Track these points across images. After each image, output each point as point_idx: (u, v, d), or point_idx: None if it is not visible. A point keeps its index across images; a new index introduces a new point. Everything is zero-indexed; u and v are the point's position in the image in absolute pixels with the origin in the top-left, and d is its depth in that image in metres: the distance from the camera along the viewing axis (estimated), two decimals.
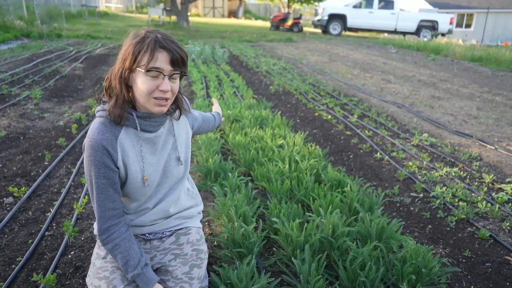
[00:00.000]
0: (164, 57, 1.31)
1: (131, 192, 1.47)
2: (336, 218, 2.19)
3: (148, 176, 1.46)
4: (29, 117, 4.74)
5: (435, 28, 20.81)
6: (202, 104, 4.89)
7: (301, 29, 23.68)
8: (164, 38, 1.33)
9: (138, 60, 1.31)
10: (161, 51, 1.31)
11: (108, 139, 1.36)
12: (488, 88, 8.18)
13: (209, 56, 10.39)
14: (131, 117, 1.40)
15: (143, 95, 1.34)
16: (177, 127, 1.57)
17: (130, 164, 1.42)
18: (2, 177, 3.16)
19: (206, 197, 2.91)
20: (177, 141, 1.56)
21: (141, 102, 1.37)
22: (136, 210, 1.53)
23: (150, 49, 1.30)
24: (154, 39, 1.31)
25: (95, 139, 1.35)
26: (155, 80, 1.32)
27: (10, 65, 7.80)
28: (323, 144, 4.31)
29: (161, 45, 1.31)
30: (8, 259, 2.16)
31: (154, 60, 1.30)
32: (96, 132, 1.36)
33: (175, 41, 1.35)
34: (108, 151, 1.36)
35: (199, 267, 1.58)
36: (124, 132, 1.40)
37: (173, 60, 1.32)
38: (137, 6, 37.00)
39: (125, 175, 1.44)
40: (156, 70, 1.30)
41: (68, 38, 13.61)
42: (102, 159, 1.36)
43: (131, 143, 1.42)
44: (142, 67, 1.30)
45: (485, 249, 2.46)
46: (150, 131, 1.45)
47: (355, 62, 11.30)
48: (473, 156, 4.09)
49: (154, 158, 1.48)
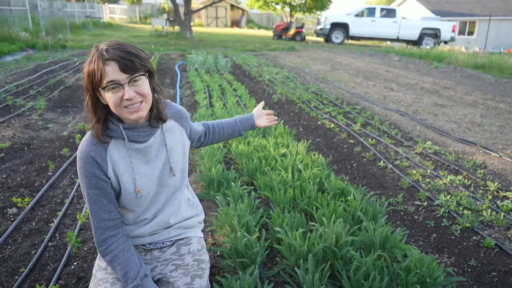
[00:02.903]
0: (113, 68, 1.28)
1: (126, 203, 1.47)
2: (339, 227, 2.18)
3: (142, 187, 1.46)
4: (33, 128, 4.77)
5: (437, 36, 20.85)
6: (205, 113, 4.90)
7: (303, 38, 23.79)
8: (108, 48, 1.29)
9: (94, 81, 1.30)
10: (108, 63, 1.28)
11: (97, 151, 1.38)
12: (492, 95, 8.16)
13: (212, 65, 10.45)
14: (118, 129, 1.40)
15: (114, 109, 1.34)
16: (170, 137, 1.55)
17: (121, 175, 1.43)
18: (6, 188, 3.18)
19: (209, 206, 2.90)
20: (170, 152, 1.54)
21: (118, 115, 1.37)
22: (135, 221, 1.53)
23: (98, 66, 1.28)
24: (98, 55, 1.29)
25: (84, 150, 1.37)
26: (117, 92, 1.30)
27: (15, 76, 7.88)
28: (326, 153, 4.30)
29: (106, 58, 1.28)
30: (11, 270, 2.16)
31: (105, 75, 1.28)
32: (85, 144, 1.38)
33: (121, 47, 1.31)
34: (97, 161, 1.38)
35: (200, 277, 1.57)
36: (113, 143, 1.42)
37: (123, 68, 1.29)
38: (141, 17, 37.38)
39: (118, 186, 1.44)
40: (112, 83, 1.29)
41: (73, 49, 13.75)
42: (92, 170, 1.37)
43: (121, 154, 1.43)
44: (101, 86, 1.29)
45: (491, 258, 2.43)
46: (140, 141, 1.45)
47: (357, 71, 11.32)
48: (477, 164, 4.07)
49: (147, 168, 1.48)
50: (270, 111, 2.03)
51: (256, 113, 1.96)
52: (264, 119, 1.97)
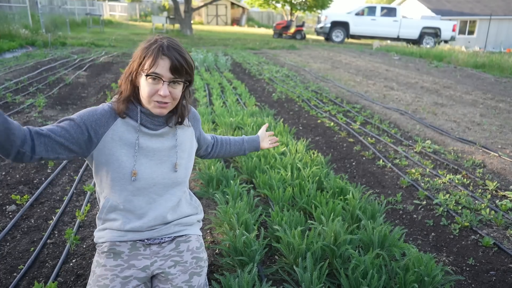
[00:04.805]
0: (165, 64, 1.37)
1: (117, 179, 1.46)
2: (338, 225, 2.18)
3: (139, 170, 1.47)
4: (33, 125, 4.77)
5: (437, 35, 20.85)
6: (204, 111, 4.90)
7: (304, 36, 23.77)
8: (169, 45, 1.38)
9: (142, 64, 1.39)
10: (163, 58, 1.36)
11: (106, 117, 1.45)
12: (492, 95, 8.16)
13: (212, 63, 10.44)
14: (136, 110, 1.47)
15: (144, 97, 1.42)
16: (181, 133, 1.59)
17: (116, 150, 1.44)
18: (5, 185, 3.18)
19: (208, 204, 2.91)
20: (178, 147, 1.56)
21: (144, 103, 1.45)
22: (128, 206, 1.50)
23: (153, 55, 1.36)
24: (159, 46, 1.37)
25: (102, 107, 1.46)
26: (155, 84, 1.39)
27: (14, 73, 7.87)
28: (325, 151, 4.30)
29: (164, 52, 1.36)
30: (10, 267, 2.16)
31: (155, 66, 1.36)
32: (101, 107, 1.47)
33: (179, 49, 1.40)
34: (99, 122, 1.42)
35: (199, 275, 1.57)
36: (123, 120, 1.47)
37: (173, 68, 1.38)
38: (141, 14, 37.34)
39: (103, 157, 1.44)
40: (156, 75, 1.37)
41: (73, 46, 13.73)
42: (93, 119, 1.41)
43: (127, 131, 1.46)
44: (144, 71, 1.38)
45: (489, 257, 2.44)
46: (150, 128, 1.49)
47: (357, 69, 11.32)
48: (476, 163, 4.07)
49: (151, 155, 1.50)
50: (271, 132, 2.18)
51: (261, 135, 2.09)
52: (267, 141, 2.11)
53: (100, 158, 1.45)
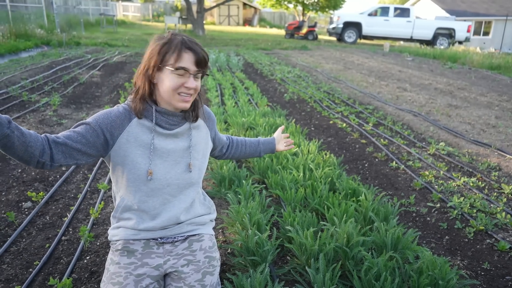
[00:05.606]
0: (189, 57, 1.42)
1: (133, 179, 1.48)
2: (350, 227, 2.16)
3: (154, 170, 1.48)
4: (48, 123, 4.84)
5: (452, 36, 20.58)
6: (216, 111, 4.92)
7: (316, 37, 23.68)
8: (190, 40, 1.44)
9: (165, 59, 1.41)
10: (187, 51, 1.41)
11: (121, 119, 1.46)
12: (507, 97, 8.03)
13: (224, 63, 10.46)
14: (150, 110, 1.48)
15: (169, 91, 1.43)
16: (196, 134, 1.60)
17: (131, 152, 1.46)
18: (22, 182, 3.23)
19: (220, 204, 2.91)
20: (193, 147, 1.57)
21: (166, 98, 1.45)
22: (142, 207, 1.51)
23: (177, 50, 1.40)
24: (181, 41, 1.42)
25: (117, 109, 1.48)
26: (181, 78, 1.42)
27: (30, 72, 7.99)
28: (337, 152, 4.28)
29: (187, 46, 1.42)
30: (26, 262, 2.19)
31: (181, 60, 1.41)
32: (116, 108, 1.49)
33: (199, 44, 1.47)
34: (114, 124, 1.44)
35: (211, 274, 1.57)
36: (138, 120, 1.48)
37: (197, 61, 1.43)
38: (154, 14, 37.61)
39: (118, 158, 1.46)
40: (183, 69, 1.41)
41: (87, 46, 13.90)
42: (108, 121, 1.43)
43: (142, 131, 1.47)
44: (170, 66, 1.41)
45: (505, 261, 2.40)
46: (165, 128, 1.50)
47: (370, 70, 11.24)
48: (491, 166, 4.01)
49: (166, 156, 1.51)
50: (287, 134, 2.16)
51: (277, 137, 2.09)
52: (283, 143, 2.10)
53: (116, 159, 1.47)
